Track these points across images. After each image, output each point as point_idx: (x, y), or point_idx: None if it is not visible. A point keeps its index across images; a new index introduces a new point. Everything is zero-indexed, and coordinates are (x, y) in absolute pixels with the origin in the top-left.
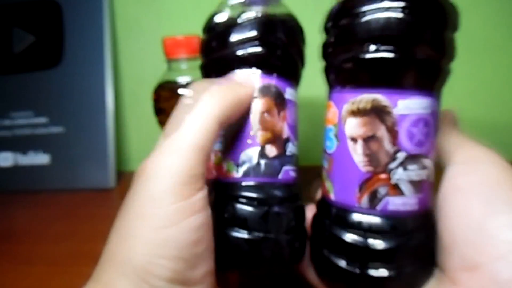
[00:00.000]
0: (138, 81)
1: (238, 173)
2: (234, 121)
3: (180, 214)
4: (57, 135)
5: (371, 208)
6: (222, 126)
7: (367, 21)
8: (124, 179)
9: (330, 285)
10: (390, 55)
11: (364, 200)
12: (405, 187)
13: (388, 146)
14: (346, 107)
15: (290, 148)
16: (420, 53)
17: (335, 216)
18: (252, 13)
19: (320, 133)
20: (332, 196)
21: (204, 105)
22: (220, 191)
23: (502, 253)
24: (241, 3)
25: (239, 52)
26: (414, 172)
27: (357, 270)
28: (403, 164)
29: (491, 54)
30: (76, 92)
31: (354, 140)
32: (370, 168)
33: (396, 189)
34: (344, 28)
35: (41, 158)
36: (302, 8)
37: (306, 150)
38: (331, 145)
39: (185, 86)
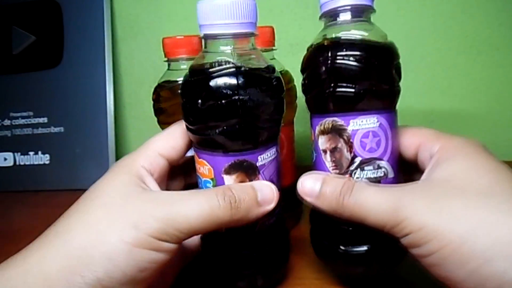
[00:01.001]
0: (138, 81)
1: (223, 229)
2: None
3: (148, 244)
4: (56, 135)
5: None
6: (222, 228)
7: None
8: None
9: (328, 263)
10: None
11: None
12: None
13: (347, 154)
14: (318, 128)
15: None
16: (365, 89)
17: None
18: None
19: None
20: None
21: (223, 208)
22: (211, 238)
23: None
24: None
25: (209, 136)
26: (370, 171)
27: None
28: (360, 166)
29: (491, 54)
30: (76, 92)
31: (324, 151)
32: (336, 171)
33: None
34: (313, 73)
35: (41, 158)
36: (302, 9)
37: (306, 150)
38: (312, 156)
39: None
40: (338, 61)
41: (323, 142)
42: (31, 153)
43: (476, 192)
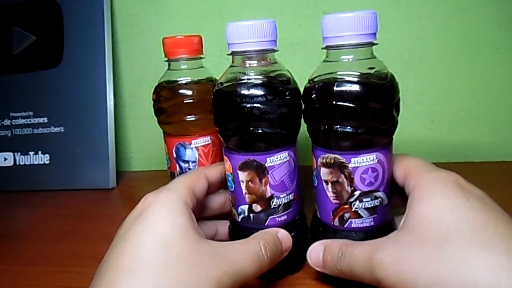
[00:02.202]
0: (138, 81)
1: (239, 218)
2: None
3: None
4: (56, 135)
5: (341, 226)
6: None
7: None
8: (124, 179)
9: None
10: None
11: (336, 221)
12: (362, 213)
13: (347, 187)
14: (320, 160)
15: (276, 202)
16: (362, 129)
17: (320, 228)
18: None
19: None
20: (318, 215)
21: (267, 263)
22: (232, 225)
23: None
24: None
25: (227, 137)
26: (368, 202)
27: None
28: (359, 198)
29: (491, 54)
30: (76, 92)
31: (326, 182)
32: (337, 201)
33: (356, 214)
34: (313, 109)
35: (41, 158)
36: (302, 9)
37: (306, 150)
38: (314, 182)
39: (185, 86)
40: (340, 102)
41: (325, 174)
42: (31, 153)
43: (434, 242)
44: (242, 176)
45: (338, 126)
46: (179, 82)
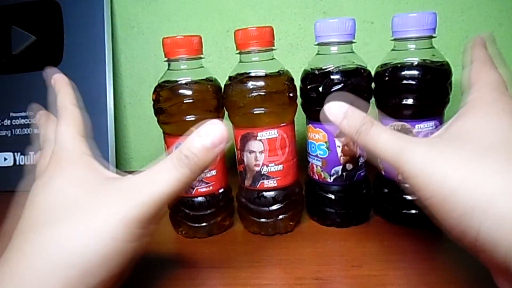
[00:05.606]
0: (138, 81)
1: (330, 179)
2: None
3: (141, 236)
4: None
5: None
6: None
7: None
8: None
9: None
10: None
11: (400, 177)
12: None
13: None
14: (388, 127)
15: (361, 160)
16: (424, 102)
17: (386, 183)
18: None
19: None
20: (383, 173)
21: (186, 175)
22: (315, 188)
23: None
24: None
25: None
26: None
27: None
28: None
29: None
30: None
31: None
32: None
33: None
34: (386, 88)
35: None
36: (302, 9)
37: (306, 150)
38: None
39: (185, 86)
40: (407, 81)
41: None
42: (31, 153)
43: (474, 149)
44: (339, 141)
45: (406, 100)
46: (179, 82)
